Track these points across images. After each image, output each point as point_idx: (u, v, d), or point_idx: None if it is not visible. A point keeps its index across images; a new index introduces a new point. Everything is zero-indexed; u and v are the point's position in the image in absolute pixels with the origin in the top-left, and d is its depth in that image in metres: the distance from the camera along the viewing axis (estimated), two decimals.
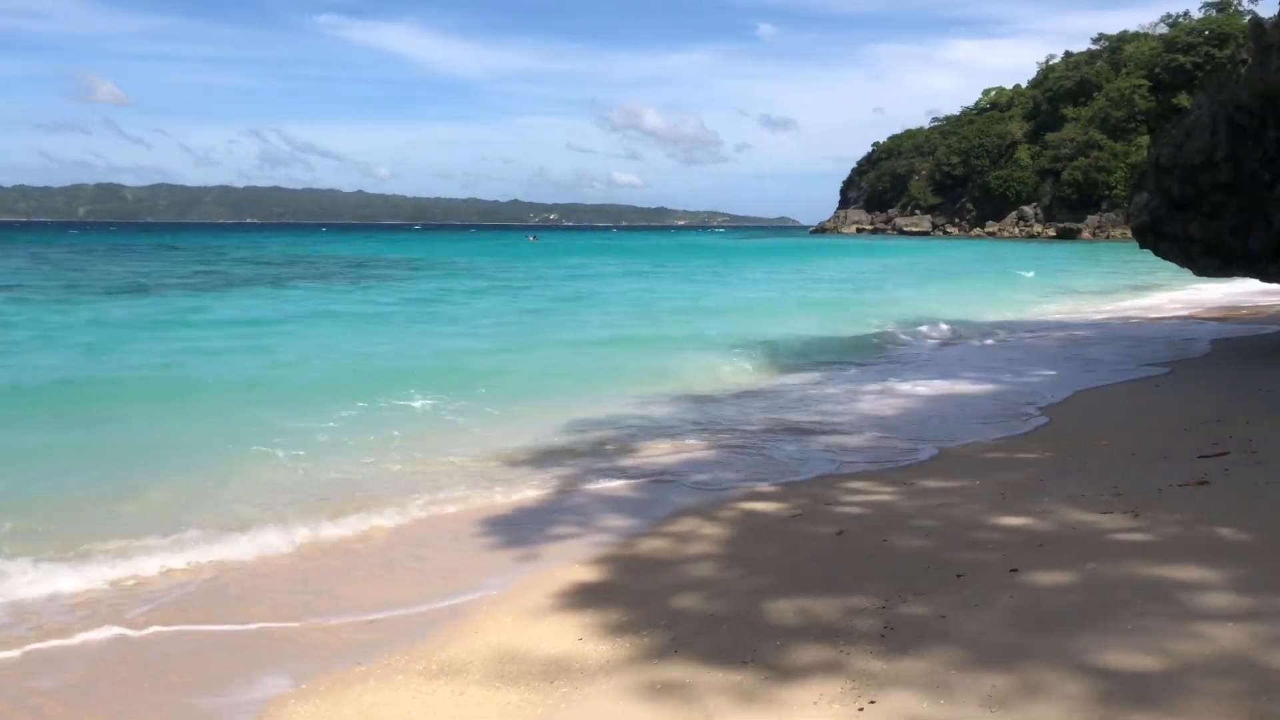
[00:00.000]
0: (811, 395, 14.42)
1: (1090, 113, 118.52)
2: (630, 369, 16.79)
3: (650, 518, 8.24)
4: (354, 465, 9.96)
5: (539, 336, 21.79)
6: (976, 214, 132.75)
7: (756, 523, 7.77)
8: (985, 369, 16.38)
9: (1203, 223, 13.58)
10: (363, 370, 16.36)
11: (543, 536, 7.88)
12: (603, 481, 9.79)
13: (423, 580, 6.94)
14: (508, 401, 13.67)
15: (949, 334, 21.82)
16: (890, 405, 13.39)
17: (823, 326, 22.40)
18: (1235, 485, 7.13)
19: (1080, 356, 17.46)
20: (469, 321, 25.67)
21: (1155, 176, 14.23)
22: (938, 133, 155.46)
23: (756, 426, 12.32)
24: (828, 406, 13.56)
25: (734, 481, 9.45)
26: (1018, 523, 6.78)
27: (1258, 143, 12.37)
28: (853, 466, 9.88)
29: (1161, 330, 21.63)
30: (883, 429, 11.81)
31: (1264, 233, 12.62)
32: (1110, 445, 9.64)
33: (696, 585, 6.20)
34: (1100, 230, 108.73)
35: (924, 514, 7.39)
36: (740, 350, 18.40)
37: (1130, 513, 6.63)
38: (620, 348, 19.94)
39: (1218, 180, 13.03)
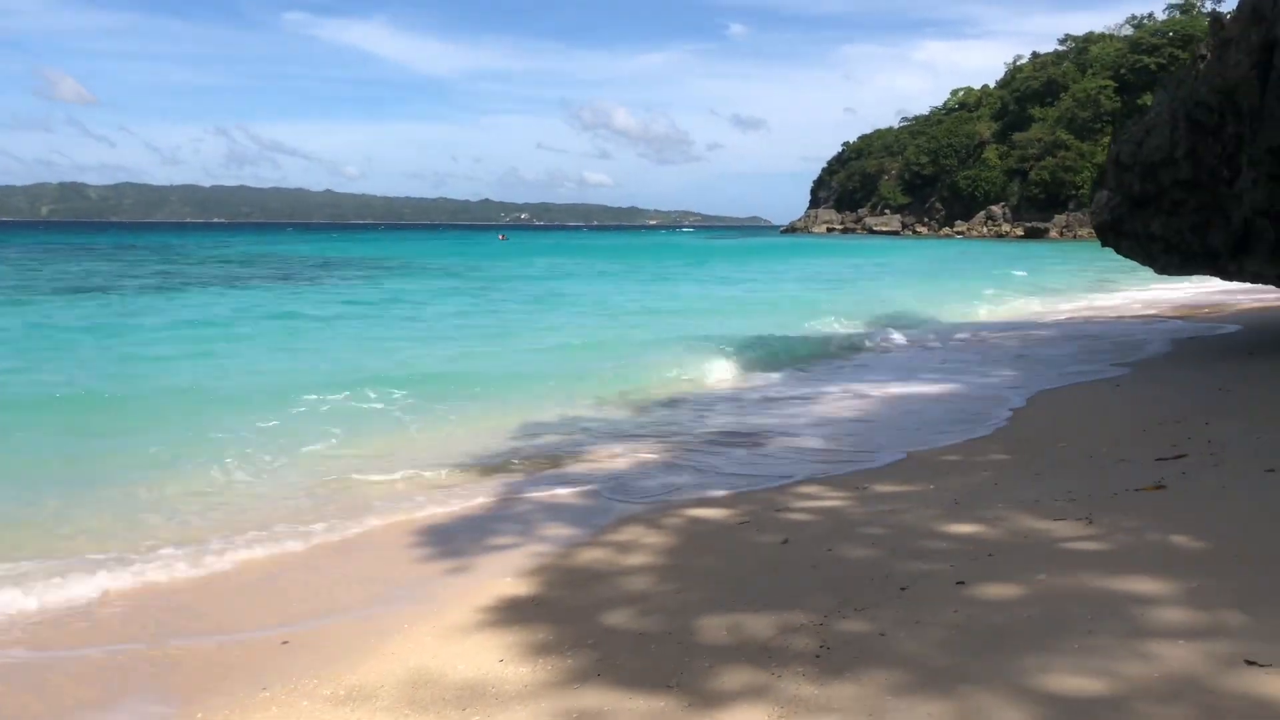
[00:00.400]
0: (771, 398, 14.16)
1: (1057, 113, 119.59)
2: (590, 371, 16.44)
3: (593, 526, 7.91)
4: (289, 473, 9.55)
5: (499, 338, 21.40)
6: (945, 213, 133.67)
7: (701, 531, 7.46)
8: (948, 370, 16.19)
9: (1163, 220, 13.44)
10: (310, 373, 15.90)
11: (479, 547, 7.53)
12: (549, 489, 9.46)
13: (347, 596, 6.57)
14: (461, 405, 13.30)
15: (914, 334, 21.65)
16: (850, 408, 13.14)
17: (788, 327, 22.11)
18: (1192, 489, 6.91)
19: (1043, 357, 17.33)
20: (427, 322, 25.22)
21: (1116, 174, 14.09)
22: (907, 133, 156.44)
23: (713, 430, 12.02)
24: (787, 409, 13.30)
25: (683, 487, 9.15)
26: (968, 530, 6.51)
27: (1217, 139, 12.23)
28: (807, 471, 9.60)
29: (1125, 329, 21.59)
30: (841, 432, 11.56)
31: (1223, 229, 12.49)
32: (1068, 448, 9.42)
33: (631, 600, 5.88)
34: (1067, 230, 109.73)
35: (874, 521, 7.11)
36: (703, 352, 18.09)
37: (1084, 519, 6.37)
38: (582, 349, 19.60)
39: (1177, 177, 12.89)
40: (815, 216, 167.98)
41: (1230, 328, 19.89)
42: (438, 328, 23.82)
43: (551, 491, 9.29)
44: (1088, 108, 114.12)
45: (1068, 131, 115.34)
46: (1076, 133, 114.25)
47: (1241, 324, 20.44)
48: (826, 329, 21.87)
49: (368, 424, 11.86)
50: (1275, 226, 11.47)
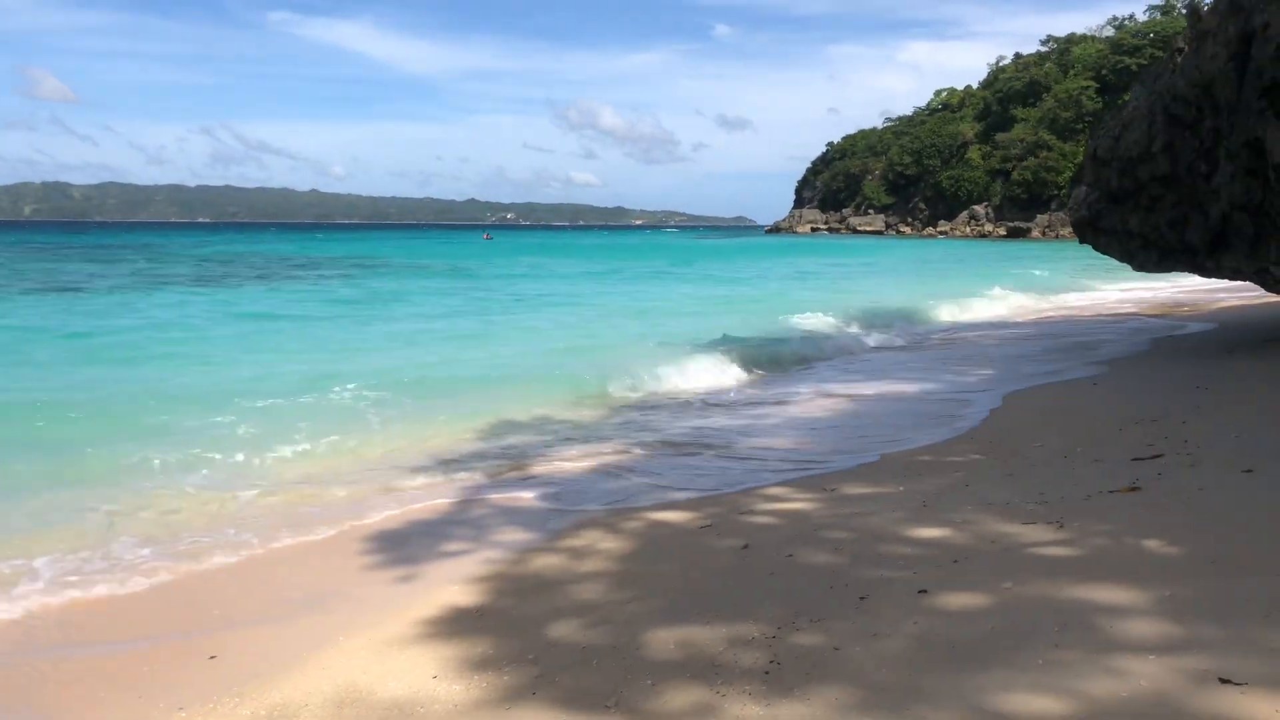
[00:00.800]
0: (744, 398, 13.88)
1: (1039, 113, 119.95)
2: (564, 372, 16.14)
3: (550, 531, 7.62)
4: (243, 478, 9.21)
5: (475, 338, 21.06)
6: (929, 213, 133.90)
7: (661, 536, 7.16)
8: (924, 369, 15.96)
9: (1141, 216, 13.23)
10: (276, 374, 15.51)
11: (431, 553, 7.23)
12: (511, 491, 9.17)
13: (286, 605, 6.25)
14: (429, 406, 12.98)
15: (894, 333, 21.43)
16: (825, 408, 12.88)
17: (767, 327, 21.82)
18: (1167, 490, 6.66)
19: (1021, 355, 17.12)
20: (402, 322, 24.84)
21: (1093, 169, 13.87)
22: (891, 133, 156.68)
23: (683, 431, 11.75)
24: (760, 410, 13.03)
25: (647, 490, 8.86)
26: (935, 534, 6.24)
27: (1194, 134, 12.02)
28: (775, 473, 9.34)
29: (1104, 327, 21.43)
30: (811, 433, 11.30)
31: (1200, 225, 12.28)
32: (1043, 447, 9.17)
33: (579, 610, 5.58)
34: (1050, 229, 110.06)
35: (839, 524, 6.84)
36: (679, 352, 17.78)
37: (1055, 523, 6.11)
38: (558, 350, 19.23)
39: (1155, 172, 12.68)
40: (799, 216, 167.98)
41: (1209, 325, 19.75)
42: (412, 328, 23.43)
43: (513, 495, 9.00)
44: (1070, 108, 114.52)
45: (1050, 132, 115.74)
46: (1059, 133, 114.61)
47: (1220, 322, 20.32)
48: (805, 328, 21.61)
49: (331, 426, 11.49)
50: (1253, 222, 11.27)
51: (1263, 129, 10.01)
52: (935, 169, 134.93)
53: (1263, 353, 14.20)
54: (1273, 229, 10.90)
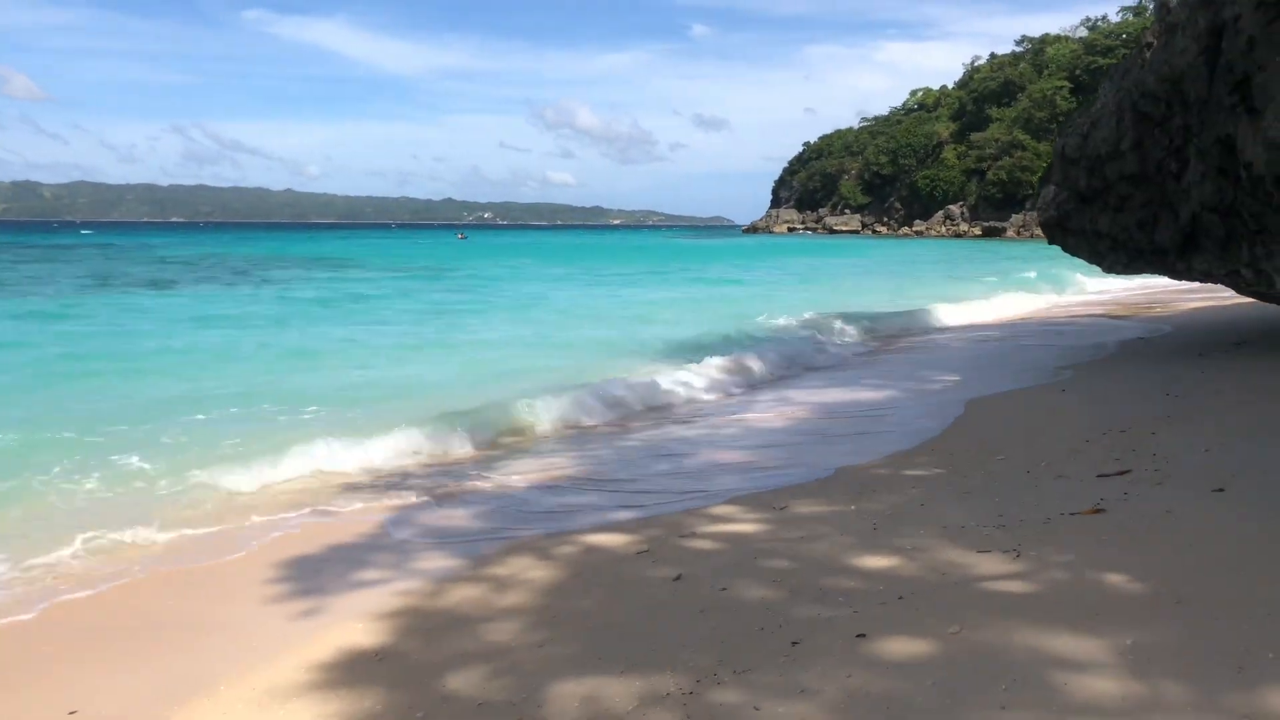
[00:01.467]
0: (703, 405, 13.37)
1: (1014, 113, 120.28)
2: (519, 378, 15.58)
3: (476, 556, 7.06)
4: (152, 498, 8.57)
5: (429, 345, 20.38)
6: (905, 213, 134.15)
7: (593, 563, 6.62)
8: (889, 374, 15.50)
9: (1110, 216, 12.82)
10: (210, 382, 14.83)
11: (343, 583, 6.66)
12: (445, 510, 8.62)
13: (168, 646, 5.67)
14: (372, 416, 12.38)
15: (862, 336, 21.00)
16: (784, 416, 12.39)
17: (734, 330, 21.28)
18: (1133, 514, 6.18)
19: (988, 359, 16.71)
20: (357, 325, 24.15)
21: (1062, 168, 13.45)
22: (867, 133, 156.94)
23: (634, 444, 11.22)
24: (717, 418, 12.53)
25: (589, 509, 8.32)
26: (883, 564, 5.73)
27: (1164, 131, 11.62)
28: (726, 489, 8.82)
29: (1074, 330, 21.08)
30: (769, 444, 10.80)
31: (1170, 226, 11.87)
32: (1005, 461, 8.70)
33: (487, 655, 5.03)
34: (1024, 229, 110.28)
35: (782, 550, 6.32)
36: (641, 356, 17.31)
37: (1012, 551, 5.62)
38: (517, 354, 18.63)
39: (1124, 171, 12.26)
40: (776, 216, 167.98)
41: (1180, 328, 19.44)
42: (364, 333, 22.74)
43: (447, 515, 8.45)
44: (1044, 108, 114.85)
45: (1024, 132, 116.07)
46: (1033, 133, 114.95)
47: (1191, 324, 20.01)
48: (774, 332, 21.11)
49: (261, 439, 10.85)
50: (1224, 223, 10.87)
51: (1233, 126, 9.60)
52: (911, 169, 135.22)
53: (1234, 357, 13.84)
54: (1244, 230, 10.50)
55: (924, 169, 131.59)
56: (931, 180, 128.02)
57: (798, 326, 21.56)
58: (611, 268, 54.94)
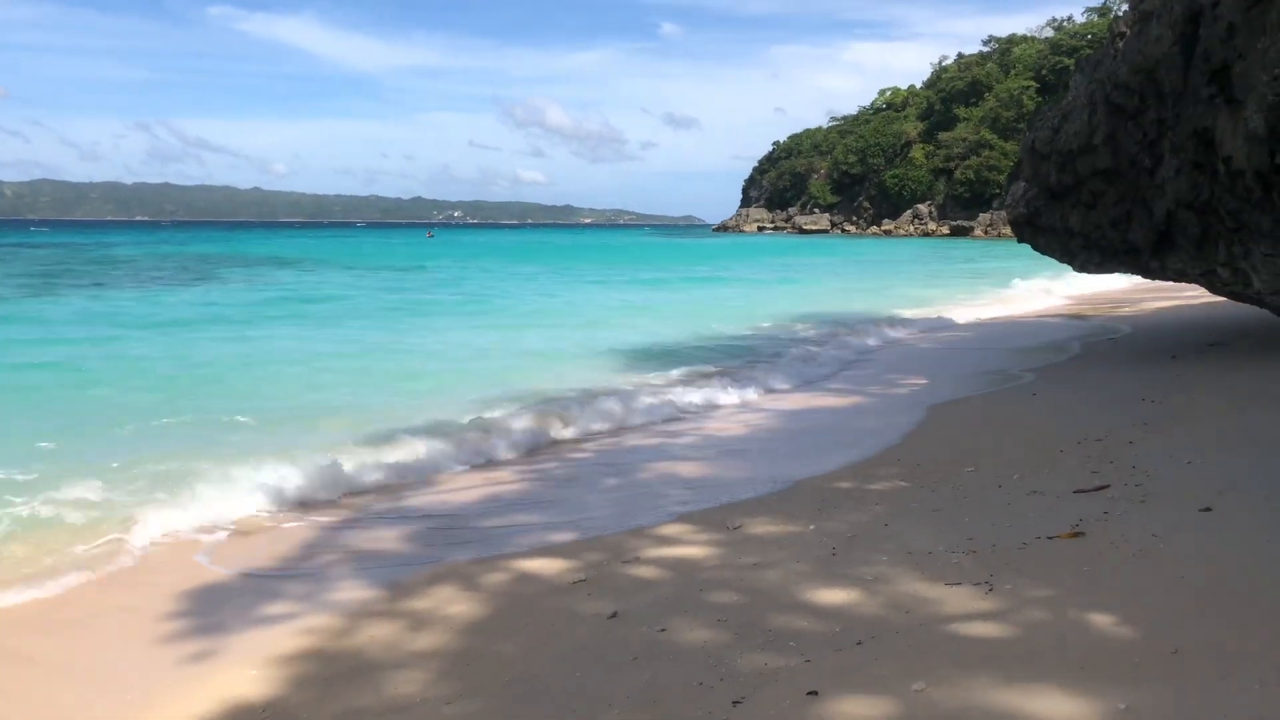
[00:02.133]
0: (661, 411, 12.73)
1: (981, 112, 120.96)
2: (469, 385, 14.91)
3: (398, 586, 6.40)
4: (37, 520, 7.78)
5: (378, 349, 19.55)
6: (874, 212, 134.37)
7: (524, 595, 5.98)
8: (856, 378, 14.97)
9: (1081, 213, 12.34)
10: (120, 389, 13.97)
11: (243, 619, 5.97)
12: (373, 529, 7.95)
13: (27, 693, 4.96)
14: (306, 422, 11.71)
15: (827, 337, 20.48)
16: (745, 424, 11.81)
17: (697, 333, 20.65)
18: (1116, 538, 5.62)
19: (958, 361, 16.23)
20: (303, 323, 23.30)
21: (1032, 163, 12.96)
22: (836, 132, 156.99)
23: (585, 452, 10.60)
24: (674, 425, 11.92)
25: (529, 528, 7.67)
26: (841, 599, 5.13)
27: (1137, 124, 11.14)
28: (678, 504, 8.21)
29: (1045, 330, 20.69)
30: (727, 454, 10.21)
31: (1145, 223, 11.40)
32: (976, 473, 8.14)
33: (385, 712, 4.38)
34: (991, 228, 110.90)
35: (731, 581, 5.71)
36: (598, 362, 16.65)
37: (984, 584, 5.04)
38: (468, 357, 17.97)
39: (1096, 166, 11.78)
40: (746, 215, 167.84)
41: (1150, 328, 19.09)
42: (310, 335, 21.92)
43: (374, 535, 7.79)
44: (1011, 108, 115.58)
45: (992, 131, 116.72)
46: (1000, 132, 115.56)
47: (1161, 324, 19.68)
48: (738, 336, 20.54)
49: (172, 450, 10.08)
50: (1200, 220, 10.40)
51: (1211, 118, 9.12)
52: (879, 168, 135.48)
53: (1207, 359, 13.43)
54: (1221, 228, 10.04)
55: (892, 168, 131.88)
56: (900, 179, 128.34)
57: (765, 329, 21.02)
58: (577, 269, 54.24)
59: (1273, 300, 10.69)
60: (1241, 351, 13.91)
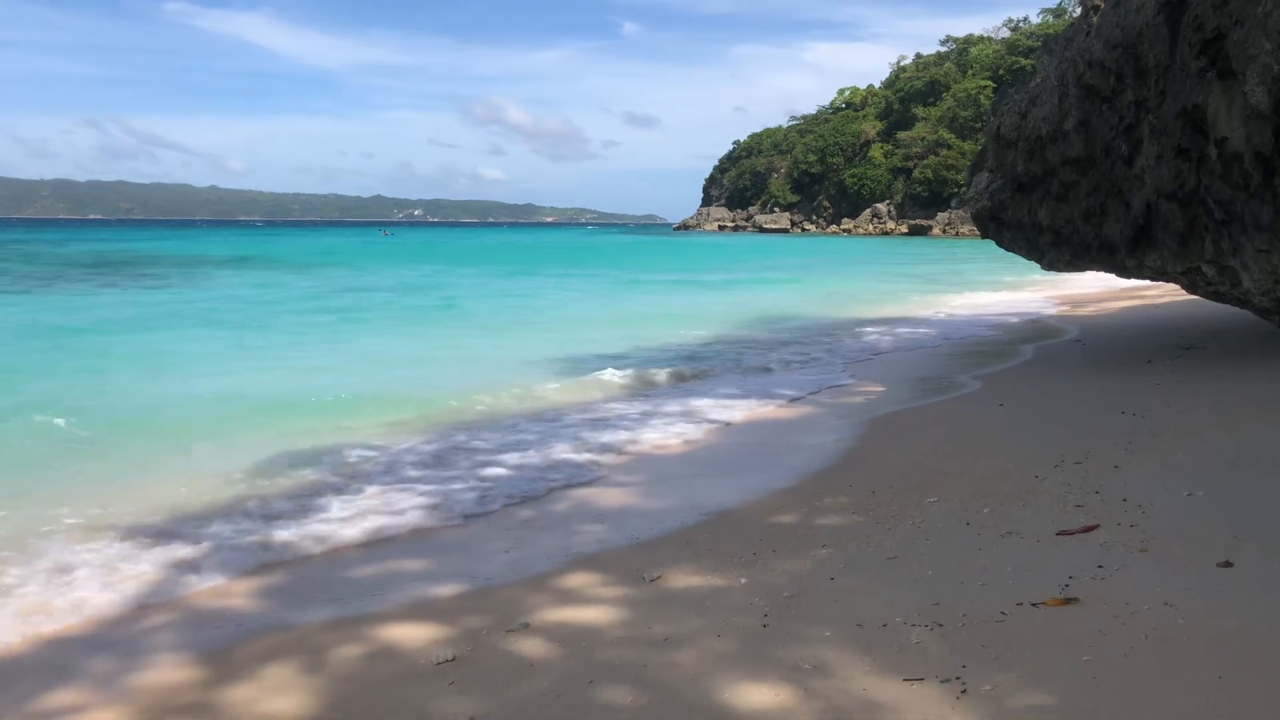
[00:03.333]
0: (593, 425, 11.44)
1: (939, 112, 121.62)
2: (387, 391, 13.61)
3: (219, 661, 5.07)
4: None
5: (282, 363, 17.93)
6: (833, 211, 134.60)
7: (371, 682, 4.67)
8: (810, 383, 13.79)
9: (1051, 206, 11.26)
10: None
11: (17, 715, 4.62)
12: (213, 579, 6.59)
13: None
14: (182, 445, 10.33)
15: (785, 339, 19.36)
16: (684, 440, 10.57)
17: (646, 338, 19.30)
18: (1119, 608, 4.43)
19: (920, 364, 15.12)
20: (227, 330, 21.71)
21: (997, 151, 11.86)
22: (795, 131, 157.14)
23: (496, 479, 9.27)
24: (605, 439, 10.64)
25: (406, 579, 6.37)
26: (768, 701, 3.89)
27: (1113, 107, 10.06)
28: (593, 542, 6.96)
29: (1009, 330, 19.72)
30: (659, 477, 8.97)
31: (1121, 217, 10.33)
32: (938, 504, 6.96)
33: None
34: (950, 227, 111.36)
35: (632, 668, 4.45)
36: (535, 371, 15.22)
37: (954, 680, 3.83)
38: (393, 368, 16.31)
39: (1067, 154, 10.69)
40: (707, 214, 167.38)
41: (1119, 329, 18.16)
42: (231, 336, 20.38)
43: (218, 588, 6.44)
44: (968, 107, 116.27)
45: (949, 131, 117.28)
46: (958, 132, 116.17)
47: (1130, 325, 18.77)
48: (689, 338, 19.28)
49: (20, 479, 8.68)
50: (1184, 212, 9.34)
51: (1202, 94, 8.04)
52: (839, 167, 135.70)
53: (1183, 364, 12.42)
54: (1208, 221, 8.97)
55: (852, 167, 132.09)
56: (859, 179, 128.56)
57: (721, 333, 19.77)
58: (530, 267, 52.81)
59: (1261, 301, 9.66)
60: (1217, 355, 12.94)
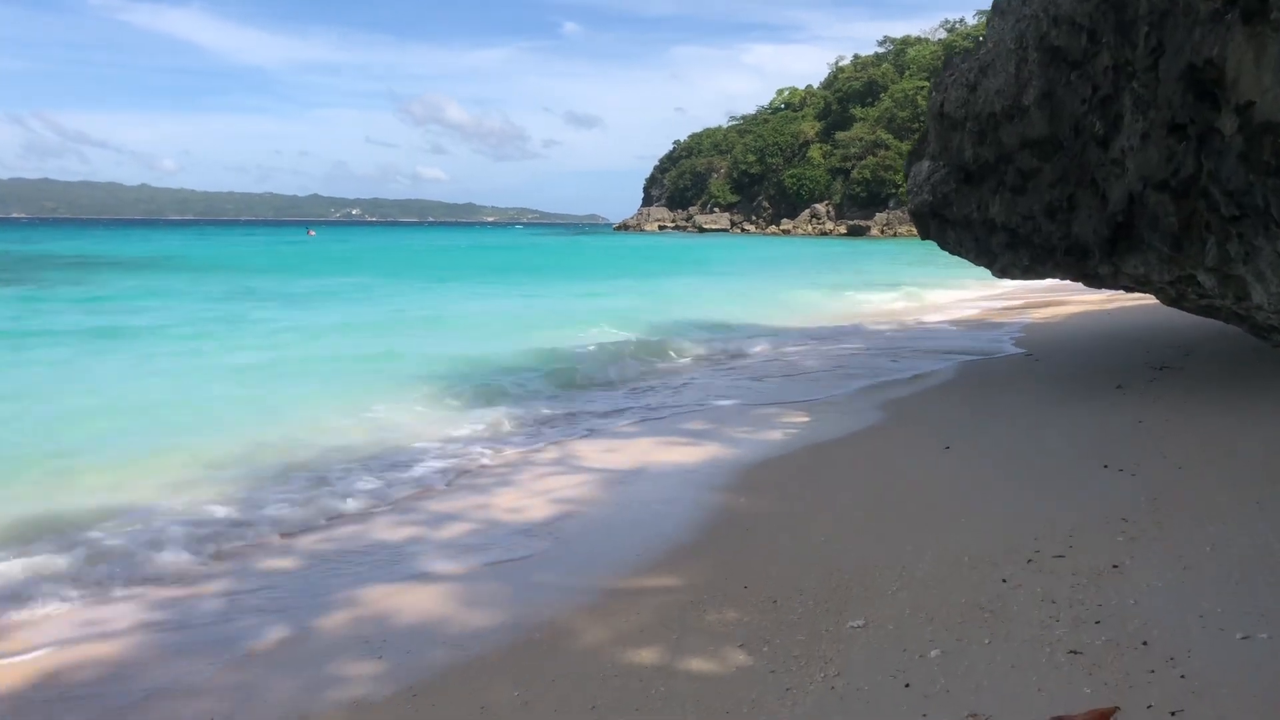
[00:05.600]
0: (443, 481, 9.00)
1: (877, 113, 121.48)
2: (210, 425, 11.11)
3: None
4: None
5: (145, 374, 15.28)
6: (773, 212, 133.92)
7: None
8: (717, 415, 11.51)
9: (1006, 200, 9.14)
10: None
11: None
12: None
13: None
14: None
15: (706, 354, 17.12)
16: (546, 498, 8.19)
17: (549, 356, 16.40)
18: None
19: (850, 383, 12.92)
20: (73, 340, 18.80)
21: (940, 134, 9.72)
22: (735, 132, 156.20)
23: (297, 555, 6.86)
24: (452, 502, 8.24)
25: None
26: None
27: (1085, 75, 7.97)
28: (357, 687, 4.60)
29: (950, 342, 17.72)
30: (499, 555, 6.63)
31: (1095, 213, 8.22)
32: (864, 630, 4.71)
33: None
34: (888, 228, 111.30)
35: None
36: (392, 400, 12.47)
37: None
38: (221, 400, 13.14)
39: (1027, 135, 8.57)
40: (647, 214, 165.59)
41: (1074, 342, 16.25)
42: (70, 347, 17.55)
43: None
44: (906, 108, 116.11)
45: (887, 131, 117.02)
46: (895, 132, 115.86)
47: (1084, 336, 16.87)
48: (589, 355, 16.76)
49: None
50: (1177, 206, 7.27)
51: (1218, 45, 5.92)
52: (778, 167, 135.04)
53: (1162, 391, 10.40)
54: (1212, 217, 6.89)
55: (790, 168, 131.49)
56: (798, 179, 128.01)
57: (628, 346, 17.37)
58: (438, 271, 50.01)
59: (1270, 320, 7.61)
60: (1200, 379, 10.96)
